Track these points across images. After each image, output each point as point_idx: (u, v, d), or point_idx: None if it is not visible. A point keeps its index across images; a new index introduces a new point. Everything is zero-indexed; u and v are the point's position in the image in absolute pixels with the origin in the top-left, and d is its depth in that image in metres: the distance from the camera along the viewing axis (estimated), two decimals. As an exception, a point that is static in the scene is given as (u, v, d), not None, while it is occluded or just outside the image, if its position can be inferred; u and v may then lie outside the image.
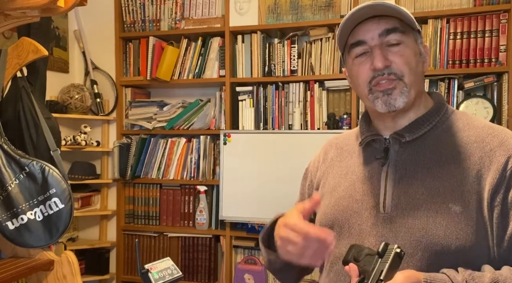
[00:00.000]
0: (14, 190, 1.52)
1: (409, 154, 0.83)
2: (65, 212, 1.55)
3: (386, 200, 0.81)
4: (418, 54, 0.84)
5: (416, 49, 0.84)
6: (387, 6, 0.80)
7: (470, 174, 0.77)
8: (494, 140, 0.79)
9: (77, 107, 2.56)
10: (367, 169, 0.86)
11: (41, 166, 1.55)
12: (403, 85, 0.81)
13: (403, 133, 0.83)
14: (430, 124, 0.83)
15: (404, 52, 0.82)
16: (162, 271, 0.96)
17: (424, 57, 0.87)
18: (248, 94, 2.49)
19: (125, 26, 2.68)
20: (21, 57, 1.62)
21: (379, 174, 0.84)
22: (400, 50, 0.82)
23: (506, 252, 0.74)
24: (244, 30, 2.47)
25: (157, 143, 2.63)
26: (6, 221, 1.51)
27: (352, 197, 0.86)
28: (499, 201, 0.75)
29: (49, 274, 1.64)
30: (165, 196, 2.62)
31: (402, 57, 0.82)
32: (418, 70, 0.84)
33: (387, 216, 0.80)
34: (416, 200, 0.78)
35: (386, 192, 0.82)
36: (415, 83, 0.83)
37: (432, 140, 0.83)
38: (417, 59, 0.84)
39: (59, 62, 2.66)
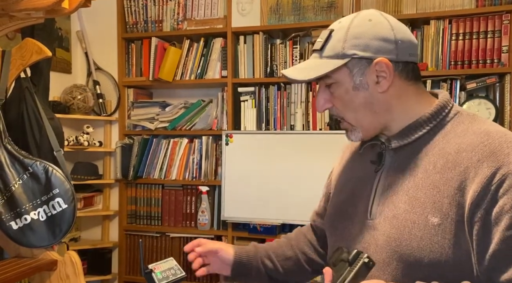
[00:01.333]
0: (17, 190, 1.52)
1: (401, 160, 0.81)
2: (68, 212, 1.56)
3: (373, 206, 0.81)
4: (351, 89, 0.79)
5: (349, 84, 0.79)
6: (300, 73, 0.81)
7: (453, 185, 0.73)
8: (485, 150, 0.72)
9: (79, 107, 2.57)
10: (365, 173, 0.86)
11: (45, 167, 1.56)
12: (347, 124, 0.83)
13: (391, 140, 0.81)
14: (424, 129, 0.79)
15: (336, 93, 0.81)
16: (165, 271, 0.97)
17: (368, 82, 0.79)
18: (250, 95, 2.49)
19: (127, 27, 2.69)
20: (25, 58, 1.63)
21: (372, 179, 0.84)
22: (333, 91, 0.81)
23: (488, 271, 0.69)
24: (246, 31, 2.47)
25: (159, 144, 2.63)
26: (10, 221, 1.51)
27: (350, 200, 0.87)
28: (480, 217, 0.70)
29: (52, 274, 1.64)
30: (167, 197, 2.63)
31: (337, 99, 0.81)
32: (355, 104, 0.80)
33: (372, 223, 0.80)
34: (398, 209, 0.77)
35: (374, 198, 0.82)
36: (359, 118, 0.81)
37: (426, 147, 0.79)
38: (351, 94, 0.79)
39: (61, 63, 2.66)
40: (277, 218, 2.35)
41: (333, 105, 0.82)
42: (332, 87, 0.80)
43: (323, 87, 0.82)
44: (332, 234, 0.91)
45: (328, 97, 0.82)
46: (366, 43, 0.77)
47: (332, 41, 0.79)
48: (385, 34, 0.78)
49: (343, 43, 0.78)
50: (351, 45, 0.77)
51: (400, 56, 0.79)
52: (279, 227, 2.39)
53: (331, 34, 0.79)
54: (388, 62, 0.77)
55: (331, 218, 0.92)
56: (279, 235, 2.38)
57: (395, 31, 0.79)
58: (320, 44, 0.80)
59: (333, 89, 0.80)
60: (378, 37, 0.78)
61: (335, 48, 0.78)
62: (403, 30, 0.80)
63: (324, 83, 0.82)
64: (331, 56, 0.78)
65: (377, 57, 0.77)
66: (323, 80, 0.81)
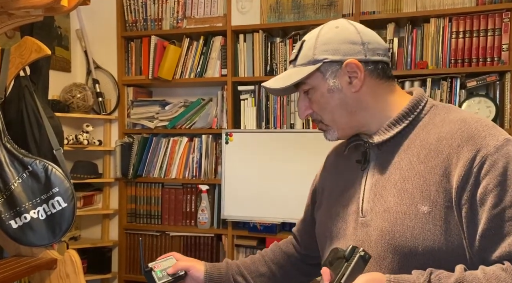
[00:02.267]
0: (17, 189, 1.52)
1: (385, 156, 0.84)
2: (68, 211, 1.56)
3: (363, 204, 0.83)
4: (326, 92, 0.84)
5: (323, 87, 0.84)
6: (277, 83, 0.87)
7: (438, 173, 0.76)
8: (463, 135, 0.76)
9: (79, 106, 2.56)
10: (352, 173, 0.89)
11: (44, 165, 1.55)
12: (325, 126, 0.88)
13: (373, 136, 0.85)
14: (403, 123, 0.83)
15: (313, 97, 0.86)
16: (165, 270, 0.97)
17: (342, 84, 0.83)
18: (250, 93, 2.49)
19: (127, 25, 2.68)
20: (24, 57, 1.63)
21: (360, 178, 0.86)
22: (311, 96, 0.86)
23: (480, 252, 0.72)
24: (246, 29, 2.47)
25: (159, 142, 2.63)
26: (9, 220, 1.51)
27: (340, 203, 0.89)
28: (466, 199, 0.73)
29: (52, 273, 1.64)
30: (167, 195, 2.62)
31: (314, 104, 0.86)
32: (331, 106, 0.84)
33: (364, 220, 0.82)
34: (388, 202, 0.79)
35: (364, 196, 0.84)
36: (336, 118, 0.85)
37: (408, 140, 0.82)
38: (327, 97, 0.84)
39: (61, 62, 2.66)
40: (277, 217, 2.35)
41: (313, 111, 0.87)
42: (309, 93, 0.86)
43: (302, 95, 0.88)
44: (327, 239, 0.92)
45: (308, 104, 0.87)
46: (335, 47, 0.83)
47: (303, 50, 0.85)
48: (352, 38, 0.83)
49: (313, 50, 0.83)
50: (321, 51, 0.83)
51: (368, 56, 0.83)
52: (279, 226, 2.39)
53: (303, 44, 0.86)
54: (357, 62, 0.82)
55: (323, 226, 0.93)
56: (279, 234, 2.38)
57: (361, 34, 0.84)
58: (294, 54, 0.86)
59: (310, 95, 0.86)
60: (345, 41, 0.83)
61: (307, 56, 0.84)
62: (370, 33, 0.86)
63: (302, 90, 0.87)
64: (304, 64, 0.84)
65: (347, 58, 0.82)
66: (301, 87, 0.86)
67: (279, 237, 2.38)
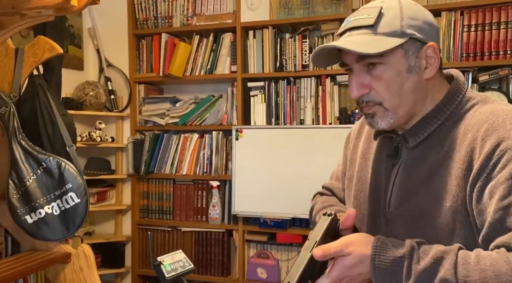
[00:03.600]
0: (32, 185, 1.56)
1: (417, 154, 0.81)
2: (81, 207, 1.59)
3: (391, 199, 0.82)
4: (404, 71, 0.75)
5: (403, 66, 0.75)
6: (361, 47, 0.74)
7: (461, 167, 0.73)
8: (488, 128, 0.72)
9: (92, 104, 2.61)
10: (381, 165, 0.87)
11: (58, 162, 1.59)
12: (383, 110, 0.77)
13: (408, 137, 0.80)
14: (438, 121, 0.78)
15: (384, 75, 0.75)
16: (174, 264, 0.98)
17: (420, 67, 0.76)
18: (259, 90, 2.49)
19: (138, 23, 2.71)
20: (37, 56, 1.66)
21: (389, 172, 0.84)
22: (379, 74, 0.75)
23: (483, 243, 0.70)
24: (255, 25, 2.47)
25: (170, 139, 2.66)
26: (25, 215, 1.55)
27: (366, 191, 0.88)
28: (478, 190, 0.71)
29: (66, 267, 1.68)
30: (178, 191, 2.65)
31: (381, 82, 0.76)
32: (404, 89, 0.76)
33: (390, 214, 0.82)
34: (415, 200, 0.78)
35: (392, 191, 0.82)
36: (401, 104, 0.77)
37: (441, 137, 0.78)
38: (403, 77, 0.76)
39: (74, 60, 2.70)
40: (287, 212, 2.35)
41: (371, 89, 0.76)
42: (377, 69, 0.75)
43: (361, 71, 0.77)
44: None
45: (367, 81, 0.76)
46: (420, 25, 0.75)
47: (386, 17, 0.74)
48: (431, 20, 0.78)
49: (400, 21, 0.74)
50: (408, 24, 0.74)
51: (438, 44, 0.78)
52: (289, 221, 2.40)
53: (381, 10, 0.75)
54: (437, 48, 0.76)
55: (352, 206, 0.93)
56: (289, 229, 2.39)
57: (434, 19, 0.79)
58: (373, 19, 0.74)
59: (379, 71, 0.75)
60: (427, 21, 0.77)
61: (392, 25, 0.74)
62: None
63: (365, 64, 0.76)
64: (387, 33, 0.74)
65: (428, 41, 0.76)
66: (366, 60, 0.75)
67: (289, 233, 2.39)
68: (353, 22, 0.77)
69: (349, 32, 0.77)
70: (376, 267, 0.70)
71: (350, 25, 0.77)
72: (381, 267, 0.69)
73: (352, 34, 0.76)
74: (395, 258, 0.69)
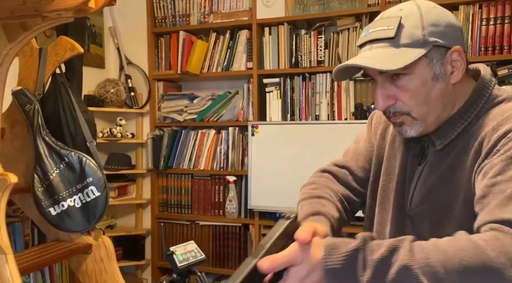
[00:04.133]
0: (55, 178, 1.64)
1: (442, 154, 0.80)
2: (101, 200, 1.67)
3: (413, 198, 0.82)
4: (430, 80, 0.74)
5: (428, 74, 0.74)
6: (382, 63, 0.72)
7: (475, 159, 0.73)
8: (501, 119, 0.71)
9: (112, 101, 2.69)
10: (406, 162, 0.85)
11: (79, 157, 1.66)
12: (411, 119, 0.76)
13: (434, 140, 0.79)
14: (464, 123, 0.76)
15: (409, 85, 0.74)
16: (186, 254, 1.02)
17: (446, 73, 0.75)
18: (275, 86, 2.51)
19: (156, 21, 2.77)
20: (59, 55, 1.74)
21: (413, 171, 0.83)
22: (405, 84, 0.74)
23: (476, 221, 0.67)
24: (271, 22, 2.49)
25: (188, 135, 2.71)
26: (49, 207, 1.64)
27: (390, 188, 0.87)
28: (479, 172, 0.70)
29: (88, 257, 1.76)
30: (196, 186, 2.71)
31: (407, 92, 0.74)
32: (430, 97, 0.75)
33: (412, 212, 0.82)
34: (436, 197, 0.78)
35: (415, 190, 0.82)
36: (429, 111, 0.76)
37: (466, 137, 0.76)
38: (429, 86, 0.74)
39: (95, 58, 2.79)
40: (302, 208, 2.37)
41: (397, 100, 0.75)
42: (402, 80, 0.74)
43: (386, 82, 0.75)
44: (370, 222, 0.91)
45: (392, 92, 0.75)
46: (442, 30, 0.73)
47: (406, 28, 0.73)
48: (453, 22, 0.75)
49: (422, 30, 0.72)
50: (430, 32, 0.72)
51: (463, 45, 0.76)
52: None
53: (401, 21, 0.73)
54: (462, 50, 0.74)
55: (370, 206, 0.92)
56: (304, 224, 2.41)
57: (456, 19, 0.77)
58: (393, 31, 0.73)
59: (404, 82, 0.74)
60: (450, 25, 0.75)
61: (413, 35, 0.72)
62: None
63: (388, 76, 0.74)
64: (408, 44, 0.72)
65: (452, 45, 0.74)
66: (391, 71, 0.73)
67: (305, 228, 2.40)
68: (373, 34, 0.75)
69: (370, 44, 0.75)
70: (328, 269, 0.61)
71: (370, 37, 0.75)
72: (334, 267, 0.61)
73: (373, 47, 0.75)
74: (348, 252, 0.61)
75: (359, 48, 0.79)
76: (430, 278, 0.57)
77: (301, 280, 0.62)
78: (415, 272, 0.58)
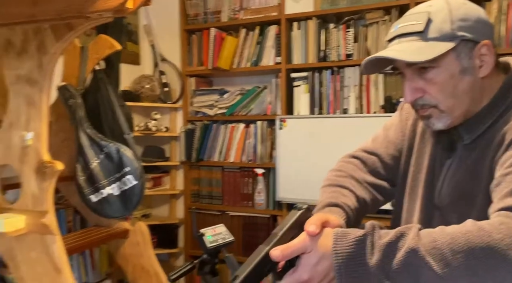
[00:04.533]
0: (96, 168, 1.77)
1: (471, 147, 0.81)
2: (137, 188, 1.78)
3: (442, 191, 0.84)
4: (457, 73, 0.75)
5: (455, 68, 0.75)
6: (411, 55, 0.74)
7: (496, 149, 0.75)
8: None
9: (147, 96, 2.81)
10: (436, 155, 0.87)
11: (117, 148, 1.78)
12: (438, 112, 0.78)
13: (463, 135, 0.81)
14: (493, 117, 0.77)
15: (437, 78, 0.76)
16: (215, 235, 1.08)
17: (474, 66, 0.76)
18: (303, 80, 2.55)
19: (188, 19, 2.87)
20: (99, 52, 1.86)
21: (442, 163, 0.85)
22: (432, 77, 0.76)
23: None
24: (299, 17, 2.53)
25: (219, 129, 2.80)
26: (90, 194, 1.77)
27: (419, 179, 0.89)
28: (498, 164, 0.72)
29: (125, 241, 1.89)
30: (226, 178, 2.80)
31: (435, 86, 0.76)
32: (458, 90, 0.76)
33: (440, 205, 0.84)
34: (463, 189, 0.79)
35: (443, 183, 0.83)
36: (456, 105, 0.77)
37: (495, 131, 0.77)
38: (456, 79, 0.76)
39: (131, 55, 2.92)
40: (330, 200, 2.40)
41: (425, 93, 0.77)
42: (430, 73, 0.76)
43: (414, 75, 0.78)
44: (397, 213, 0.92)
45: (420, 85, 0.77)
46: (471, 25, 0.75)
47: (435, 23, 0.75)
48: (483, 17, 0.77)
49: (450, 25, 0.74)
50: (458, 26, 0.75)
51: (493, 40, 0.77)
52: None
53: (430, 16, 0.75)
54: (491, 45, 0.76)
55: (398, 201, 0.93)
56: (332, 216, 2.44)
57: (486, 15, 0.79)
58: (422, 26, 0.75)
59: (432, 75, 0.76)
60: (479, 20, 0.76)
61: (441, 30, 0.74)
62: None
63: (417, 69, 0.77)
64: (437, 38, 0.74)
65: (481, 40, 0.75)
66: (419, 64, 0.76)
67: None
68: (401, 29, 0.78)
69: (398, 39, 0.78)
70: (337, 254, 0.64)
71: (399, 32, 0.78)
72: (343, 252, 0.64)
73: (402, 41, 0.77)
74: (357, 238, 0.64)
75: (388, 43, 0.82)
76: (437, 259, 0.60)
77: (312, 267, 0.65)
78: (422, 254, 0.61)
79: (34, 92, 1.36)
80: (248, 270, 0.64)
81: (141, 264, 1.87)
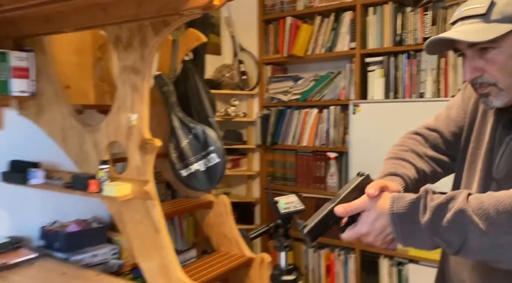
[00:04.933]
0: (185, 147, 2.01)
1: None
2: (220, 165, 1.99)
3: (499, 166, 0.87)
4: None
5: None
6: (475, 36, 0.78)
7: None
8: None
9: (227, 84, 3.03)
10: (496, 131, 0.90)
11: (203, 129, 2.00)
12: (497, 90, 0.82)
13: None
14: None
15: (497, 58, 0.80)
16: (288, 204, 1.23)
17: None
18: (378, 65, 2.57)
19: (265, 9, 3.02)
20: (188, 45, 2.09)
21: (502, 140, 0.88)
22: (492, 57, 0.80)
23: None
24: (375, 2, 2.54)
25: (292, 114, 2.93)
26: (180, 169, 2.02)
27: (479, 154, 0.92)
28: None
29: (210, 211, 2.12)
30: (300, 161, 2.93)
31: (495, 65, 0.80)
32: None
33: (496, 178, 0.87)
34: None
35: (501, 158, 0.87)
36: None
37: None
38: None
39: (213, 46, 3.16)
40: (402, 184, 2.41)
41: (484, 72, 0.81)
42: (490, 53, 0.80)
43: (474, 55, 0.82)
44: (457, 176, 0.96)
45: (480, 65, 0.81)
46: None
47: (498, 5, 0.79)
48: None
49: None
50: None
51: None
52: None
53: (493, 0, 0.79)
54: None
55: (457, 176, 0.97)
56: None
57: None
58: (484, 8, 0.79)
59: (492, 55, 0.80)
60: None
61: (504, 12, 0.78)
62: None
63: (477, 49, 0.81)
64: (498, 20, 0.78)
65: None
66: (480, 45, 0.80)
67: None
68: (465, 12, 0.81)
69: (461, 21, 0.82)
70: (393, 213, 0.74)
71: (462, 15, 0.82)
72: (398, 211, 0.74)
73: (464, 23, 0.81)
74: (411, 200, 0.74)
75: (451, 25, 0.86)
76: (483, 218, 0.67)
77: (371, 223, 0.76)
78: (469, 214, 0.68)
79: (138, 80, 1.60)
80: (315, 221, 0.79)
81: (223, 232, 2.09)
